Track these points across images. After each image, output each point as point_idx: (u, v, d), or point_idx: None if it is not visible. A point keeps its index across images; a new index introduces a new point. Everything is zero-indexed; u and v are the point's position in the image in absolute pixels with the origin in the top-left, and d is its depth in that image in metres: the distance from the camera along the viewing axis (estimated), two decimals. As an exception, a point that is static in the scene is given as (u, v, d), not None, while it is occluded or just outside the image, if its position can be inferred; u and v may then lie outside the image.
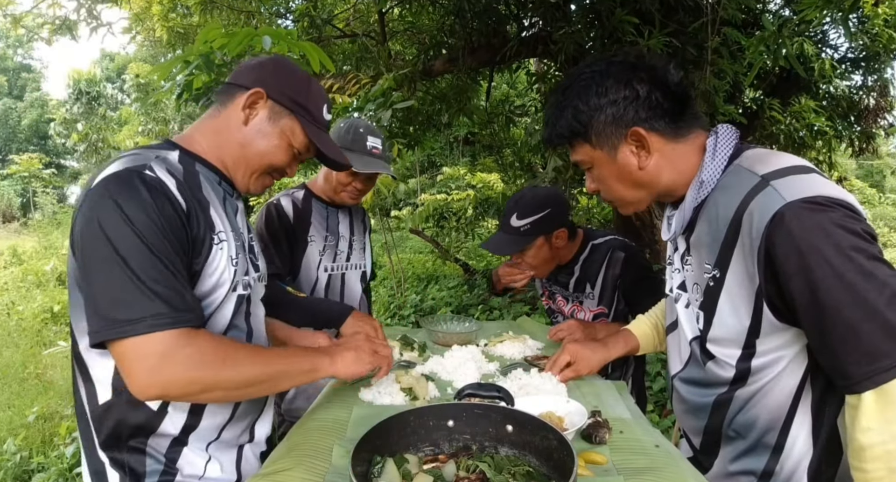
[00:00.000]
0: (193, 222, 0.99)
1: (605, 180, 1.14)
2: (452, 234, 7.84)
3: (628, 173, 1.09)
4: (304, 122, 1.14)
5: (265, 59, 1.17)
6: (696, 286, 1.11)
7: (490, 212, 6.76)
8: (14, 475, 3.13)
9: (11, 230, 18.88)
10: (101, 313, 0.88)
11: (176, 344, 0.89)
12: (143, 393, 0.90)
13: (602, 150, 1.09)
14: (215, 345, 0.94)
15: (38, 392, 4.51)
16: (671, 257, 1.24)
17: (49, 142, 31.34)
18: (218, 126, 1.12)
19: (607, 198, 1.19)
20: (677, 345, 1.21)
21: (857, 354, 0.85)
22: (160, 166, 0.99)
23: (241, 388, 0.97)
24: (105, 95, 22.19)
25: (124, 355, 0.88)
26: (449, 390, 1.37)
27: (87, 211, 0.92)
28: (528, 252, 1.81)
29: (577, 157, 1.15)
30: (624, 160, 1.08)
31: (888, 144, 14.14)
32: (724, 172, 1.04)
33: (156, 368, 0.88)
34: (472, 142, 6.67)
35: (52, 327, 6.43)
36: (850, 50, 5.38)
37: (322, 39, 5.26)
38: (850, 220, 0.88)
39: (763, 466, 1.05)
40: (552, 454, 0.85)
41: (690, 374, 1.16)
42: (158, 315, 0.88)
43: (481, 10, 4.35)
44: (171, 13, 5.98)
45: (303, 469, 0.96)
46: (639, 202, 1.16)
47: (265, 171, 1.15)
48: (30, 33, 6.25)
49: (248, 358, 0.98)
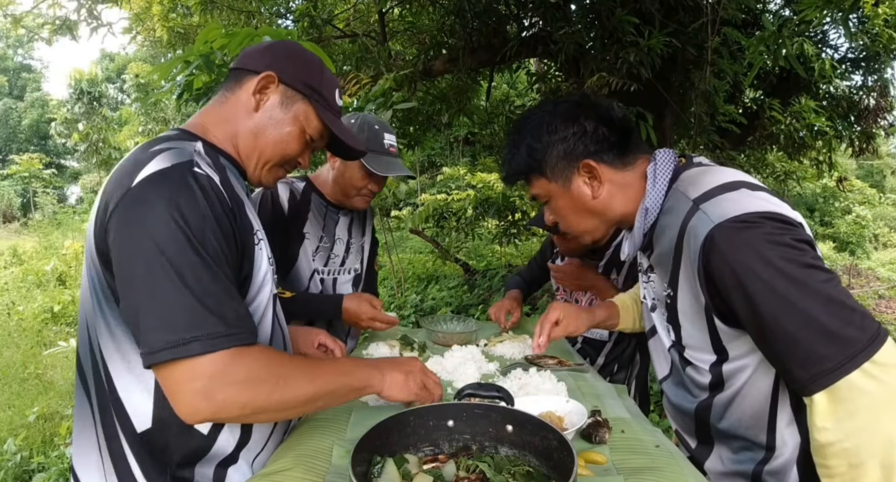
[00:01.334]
0: (239, 222, 0.93)
1: (561, 211, 1.20)
2: (452, 233, 7.83)
3: (582, 203, 1.15)
4: (318, 107, 1.07)
5: (275, 43, 1.11)
6: (660, 301, 1.17)
7: (490, 212, 6.75)
8: (14, 475, 3.13)
9: (11, 230, 18.87)
10: (148, 334, 0.80)
11: (229, 365, 0.81)
12: (192, 417, 0.82)
13: (557, 183, 1.16)
14: (269, 364, 0.86)
15: (38, 392, 4.50)
16: (642, 268, 1.28)
17: (49, 142, 31.35)
18: (227, 113, 1.05)
19: (565, 228, 1.24)
20: (659, 352, 1.25)
21: (800, 360, 0.89)
22: (202, 160, 0.91)
23: (291, 409, 0.91)
24: (106, 95, 22.20)
25: (172, 377, 0.80)
26: (449, 390, 1.37)
27: (129, 215, 0.83)
28: None
29: (535, 190, 1.20)
30: (577, 191, 1.15)
31: (888, 144, 14.14)
32: (666, 197, 1.10)
33: (208, 392, 0.80)
34: (472, 142, 6.66)
35: (52, 327, 6.43)
36: (850, 50, 5.38)
37: (322, 39, 5.26)
38: (779, 233, 0.92)
39: (755, 464, 1.07)
40: (552, 454, 0.85)
41: (675, 379, 1.21)
42: (212, 334, 0.80)
43: (481, 10, 4.35)
44: (171, 13, 5.98)
45: (303, 469, 0.95)
46: (594, 230, 1.21)
47: (278, 163, 1.08)
48: (30, 33, 6.25)
49: (301, 376, 0.90)
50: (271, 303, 1.06)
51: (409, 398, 1.10)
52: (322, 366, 0.98)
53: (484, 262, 8.40)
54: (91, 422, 0.96)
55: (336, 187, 1.78)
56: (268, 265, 1.03)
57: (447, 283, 7.36)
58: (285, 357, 0.93)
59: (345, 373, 1.00)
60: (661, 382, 1.26)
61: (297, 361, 0.93)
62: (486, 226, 8.06)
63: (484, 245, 9.19)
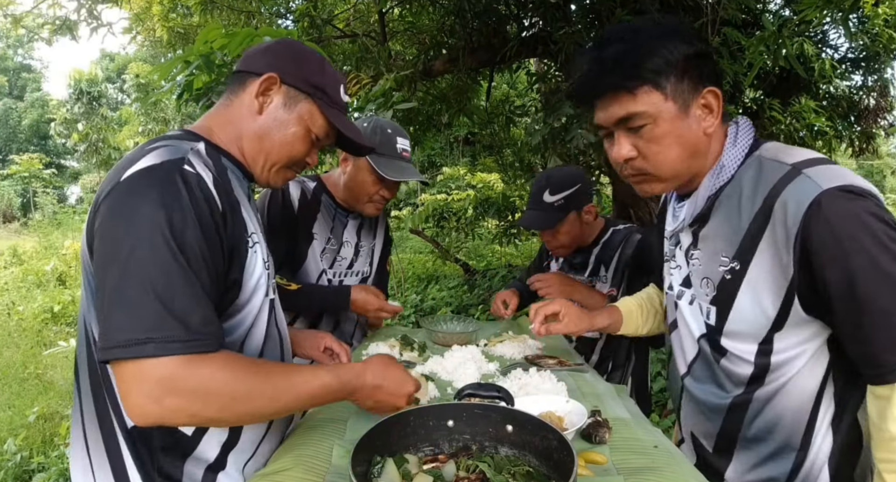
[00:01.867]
0: (229, 226, 0.91)
1: (660, 139, 0.99)
2: (452, 233, 7.84)
3: (693, 136, 1.00)
4: (321, 104, 1.06)
5: (275, 43, 1.09)
6: (706, 281, 1.07)
7: (490, 212, 6.74)
8: (14, 475, 3.13)
9: (11, 230, 18.87)
10: (108, 328, 0.78)
11: (181, 372, 0.78)
12: (141, 419, 0.79)
13: (675, 103, 0.98)
14: (227, 377, 0.82)
15: (38, 392, 4.50)
16: (670, 253, 1.21)
17: (49, 142, 31.37)
18: (231, 116, 1.04)
19: (651, 163, 1.02)
20: (680, 345, 1.19)
21: (891, 343, 0.86)
22: (197, 159, 0.90)
23: (248, 422, 0.90)
24: (106, 95, 22.20)
25: (123, 376, 0.78)
26: (449, 390, 1.37)
27: (113, 208, 0.82)
28: (562, 228, 1.85)
29: (638, 107, 0.98)
30: (693, 119, 0.99)
31: (888, 144, 14.14)
32: (743, 164, 1.02)
33: (155, 396, 0.77)
34: (472, 142, 6.66)
35: (52, 327, 6.42)
36: (850, 50, 5.38)
37: (322, 39, 5.26)
38: (883, 211, 0.88)
39: (788, 470, 1.02)
40: (552, 454, 0.85)
41: (702, 374, 1.13)
42: (169, 337, 0.77)
43: (481, 10, 4.35)
44: (171, 13, 5.98)
45: (303, 469, 0.95)
46: (677, 176, 1.04)
47: (285, 164, 1.08)
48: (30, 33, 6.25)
49: (263, 393, 0.85)
50: (266, 308, 1.04)
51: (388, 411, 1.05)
52: (292, 386, 0.90)
53: (484, 262, 8.40)
54: (86, 420, 0.96)
55: (347, 192, 1.75)
56: (262, 269, 1.01)
57: (447, 283, 7.36)
58: (251, 369, 0.86)
59: (316, 398, 0.95)
60: (683, 378, 1.19)
61: (264, 376, 0.87)
62: (486, 226, 8.07)
63: (484, 245, 9.20)
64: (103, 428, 0.94)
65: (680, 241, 1.16)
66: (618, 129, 1.02)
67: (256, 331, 1.02)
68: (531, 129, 4.39)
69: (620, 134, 1.02)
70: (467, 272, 7.54)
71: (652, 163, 1.02)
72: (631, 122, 0.99)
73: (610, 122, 1.02)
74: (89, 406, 0.94)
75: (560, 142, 3.84)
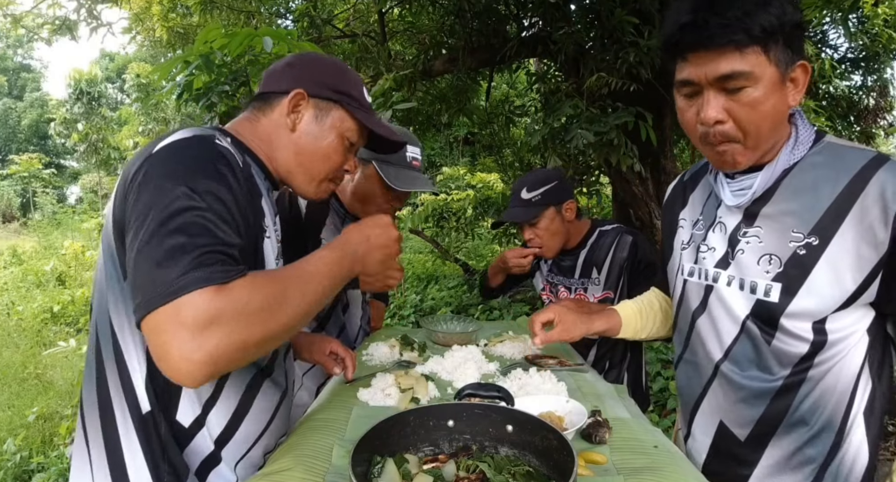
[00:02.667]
0: (249, 207, 0.92)
1: (759, 105, 0.95)
2: (452, 234, 7.84)
3: (783, 107, 0.98)
4: (350, 108, 1.08)
5: (293, 58, 1.11)
6: (768, 257, 1.05)
7: (490, 212, 6.75)
8: (14, 475, 3.13)
9: (11, 230, 18.88)
10: (143, 284, 0.75)
11: (216, 300, 0.74)
12: (185, 368, 0.72)
13: (777, 70, 0.94)
14: (255, 290, 0.79)
15: (38, 392, 4.51)
16: (697, 237, 1.20)
17: (49, 142, 31.40)
18: (260, 133, 1.05)
19: (738, 131, 0.98)
20: (713, 330, 1.15)
21: None
22: (223, 141, 0.92)
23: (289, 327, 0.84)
24: (105, 95, 22.21)
25: (159, 326, 0.73)
26: (449, 390, 1.37)
27: (149, 174, 0.82)
28: (541, 223, 1.88)
29: (745, 66, 0.92)
30: (787, 89, 0.97)
31: (888, 144, 14.14)
32: (811, 149, 1.05)
33: (198, 333, 0.72)
34: (472, 142, 6.67)
35: (52, 327, 6.43)
36: (850, 50, 5.39)
37: (322, 39, 5.27)
38: None
39: (826, 451, 1.05)
40: (552, 454, 0.85)
41: (743, 357, 1.10)
42: (201, 273, 0.74)
43: (481, 10, 4.35)
44: (171, 13, 5.99)
45: (303, 469, 0.95)
46: (760, 148, 1.01)
47: (327, 177, 1.09)
48: (30, 33, 6.26)
49: (288, 290, 0.84)
50: None
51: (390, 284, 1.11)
52: (309, 275, 0.89)
53: (484, 262, 8.40)
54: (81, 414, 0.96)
55: (355, 200, 1.69)
56: (274, 259, 1.02)
57: (447, 283, 7.37)
58: (269, 276, 0.86)
59: (331, 272, 0.93)
60: (719, 365, 1.14)
61: (282, 277, 0.86)
62: (486, 226, 8.07)
63: (484, 245, 9.20)
64: (103, 420, 0.94)
65: (720, 221, 1.14)
66: (711, 88, 0.95)
67: None
68: (531, 129, 4.40)
69: (712, 93, 0.96)
70: (467, 272, 7.54)
71: (744, 128, 0.97)
72: (732, 82, 0.93)
73: (707, 78, 0.95)
74: (91, 398, 0.95)
75: (560, 142, 3.84)
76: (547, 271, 2.09)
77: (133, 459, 0.92)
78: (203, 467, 0.97)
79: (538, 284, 2.15)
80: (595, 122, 3.44)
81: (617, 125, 3.40)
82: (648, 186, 4.39)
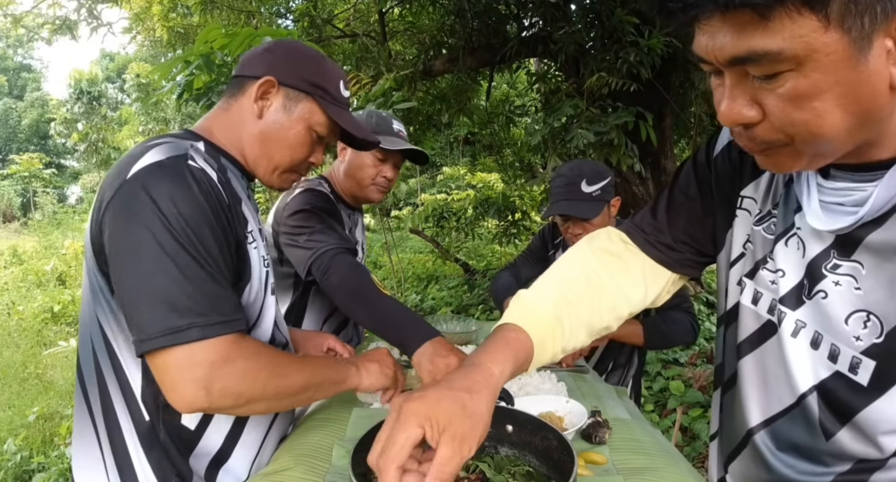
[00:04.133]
0: (234, 221, 0.92)
1: (813, 98, 0.55)
2: (452, 233, 7.84)
3: (870, 90, 0.55)
4: (322, 102, 1.06)
5: (272, 44, 1.08)
6: (866, 317, 0.66)
7: (490, 212, 6.75)
8: (14, 475, 3.13)
9: (11, 230, 18.88)
10: (143, 321, 0.79)
11: (229, 352, 0.81)
12: (189, 406, 0.81)
13: (846, 37, 0.52)
14: (265, 353, 0.87)
15: (38, 392, 4.51)
16: (762, 243, 0.78)
17: (49, 142, 31.42)
18: (231, 120, 1.04)
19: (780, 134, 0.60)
20: (760, 384, 0.80)
21: None
22: (198, 155, 0.90)
23: (284, 399, 0.91)
24: (106, 95, 22.23)
25: (168, 366, 0.79)
26: (449, 390, 1.37)
27: (124, 207, 0.82)
28: (596, 221, 1.79)
29: (772, 43, 0.53)
30: (873, 65, 0.54)
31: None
32: None
33: (206, 380, 0.79)
34: (472, 142, 6.66)
35: (52, 327, 6.42)
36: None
37: (322, 39, 5.27)
38: None
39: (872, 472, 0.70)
40: (552, 454, 0.85)
41: (788, 436, 0.76)
42: (210, 321, 0.80)
43: (481, 10, 4.35)
44: (171, 13, 5.99)
45: (303, 469, 0.96)
46: (827, 154, 0.61)
47: (288, 167, 1.08)
48: (30, 33, 6.26)
49: (292, 367, 0.92)
50: (272, 306, 1.05)
51: (387, 383, 1.13)
52: (306, 361, 0.98)
53: (484, 262, 8.40)
54: (91, 419, 0.95)
55: (348, 180, 1.69)
56: (262, 266, 1.01)
57: (447, 283, 7.36)
58: (274, 349, 0.94)
59: (326, 366, 1.02)
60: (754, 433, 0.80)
61: (283, 353, 0.95)
62: (486, 226, 8.07)
63: (484, 245, 9.20)
64: (109, 426, 0.94)
65: (796, 234, 0.73)
66: (730, 72, 0.59)
67: (261, 331, 1.02)
68: (531, 129, 4.40)
69: (733, 80, 0.59)
70: (467, 272, 7.54)
71: (788, 133, 0.59)
72: (755, 67, 0.56)
73: (717, 58, 0.58)
74: (97, 406, 0.94)
75: (560, 142, 3.85)
76: None
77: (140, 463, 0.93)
78: (213, 465, 0.97)
79: None
80: (595, 122, 3.44)
81: (617, 125, 3.41)
82: (649, 186, 4.39)
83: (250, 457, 1.03)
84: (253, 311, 0.99)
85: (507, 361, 0.74)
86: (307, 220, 1.49)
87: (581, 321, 0.85)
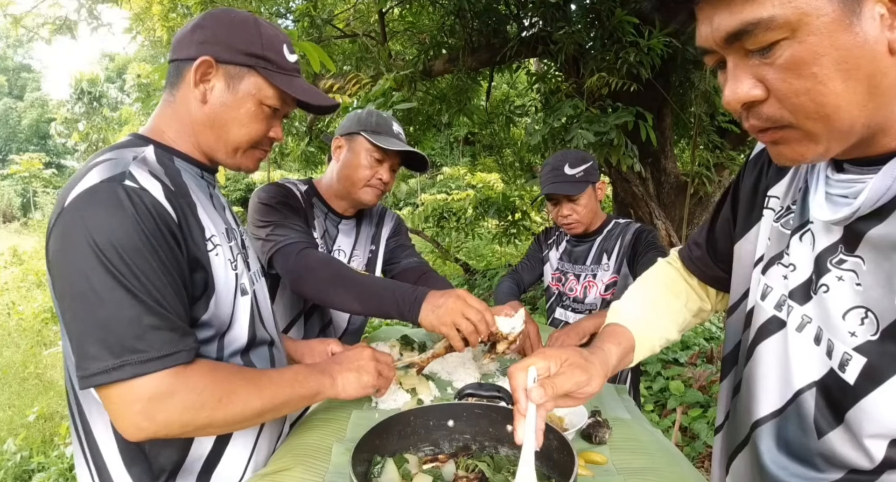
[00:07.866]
0: (187, 235, 0.88)
1: (811, 64, 0.55)
2: (452, 234, 7.85)
3: (868, 54, 0.55)
4: (266, 73, 0.98)
5: (200, 20, 1.00)
6: (862, 313, 0.66)
7: (490, 212, 6.75)
8: (14, 475, 3.13)
9: (11, 230, 18.88)
10: (82, 357, 0.79)
11: (169, 386, 0.80)
12: (135, 435, 0.82)
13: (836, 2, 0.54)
14: (211, 382, 0.85)
15: (38, 392, 4.51)
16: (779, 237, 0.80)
17: (49, 142, 31.41)
18: (177, 112, 0.98)
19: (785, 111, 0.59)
20: (764, 379, 0.81)
21: None
22: (141, 170, 0.85)
23: (239, 424, 0.91)
24: (106, 95, 22.23)
25: (111, 398, 0.80)
26: (449, 390, 1.37)
27: (61, 237, 0.80)
28: (582, 200, 1.92)
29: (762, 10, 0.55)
30: (869, 30, 0.54)
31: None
32: None
33: (148, 413, 0.80)
34: (472, 142, 6.67)
35: (52, 327, 6.42)
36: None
37: (322, 39, 5.27)
38: None
39: None
40: (552, 454, 0.85)
41: (783, 435, 0.77)
42: (144, 357, 0.78)
43: (481, 10, 4.35)
44: (171, 13, 5.98)
45: (303, 468, 0.96)
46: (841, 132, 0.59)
47: (247, 146, 1.02)
48: (30, 33, 6.26)
49: (248, 390, 0.89)
50: (245, 307, 1.01)
51: (366, 393, 1.10)
52: (270, 379, 0.95)
53: (484, 262, 8.41)
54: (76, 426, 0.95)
55: (342, 181, 1.63)
56: (230, 270, 0.97)
57: (447, 283, 7.35)
58: (231, 371, 0.90)
59: (293, 383, 0.98)
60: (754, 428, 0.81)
61: (244, 375, 0.92)
62: (486, 226, 8.08)
63: (484, 245, 9.20)
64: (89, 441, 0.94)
65: (809, 228, 0.74)
66: (730, 54, 0.61)
67: (235, 335, 0.99)
68: (531, 129, 4.39)
69: (734, 61, 0.61)
70: (467, 272, 7.55)
71: (793, 106, 0.58)
72: (751, 40, 0.57)
73: (715, 41, 0.61)
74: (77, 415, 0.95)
75: (560, 142, 3.85)
76: (557, 260, 2.10)
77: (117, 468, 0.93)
78: (207, 465, 0.97)
79: (547, 275, 2.15)
80: (595, 122, 3.44)
81: (617, 125, 3.41)
82: (648, 186, 4.39)
83: (244, 457, 1.02)
84: (223, 319, 0.96)
85: (612, 344, 0.94)
86: (268, 214, 1.49)
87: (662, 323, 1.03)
